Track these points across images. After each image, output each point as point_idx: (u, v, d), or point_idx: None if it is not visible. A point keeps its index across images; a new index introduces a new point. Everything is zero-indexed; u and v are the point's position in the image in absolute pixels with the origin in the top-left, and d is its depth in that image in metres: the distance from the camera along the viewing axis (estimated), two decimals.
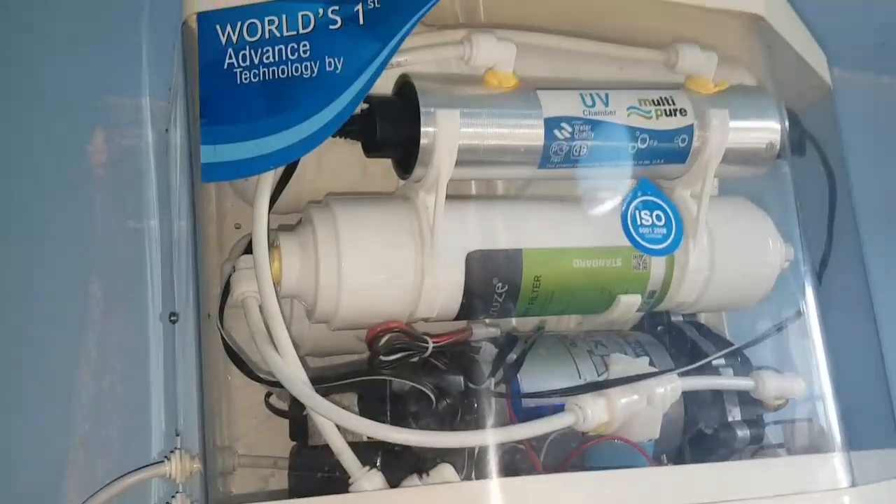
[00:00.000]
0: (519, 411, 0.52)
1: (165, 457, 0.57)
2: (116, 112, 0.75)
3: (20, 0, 0.74)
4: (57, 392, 0.68)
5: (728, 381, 0.57)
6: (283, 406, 0.59)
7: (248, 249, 0.50)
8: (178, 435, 0.65)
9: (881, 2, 0.96)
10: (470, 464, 0.47)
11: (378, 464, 0.47)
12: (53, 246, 0.71)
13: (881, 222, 1.10)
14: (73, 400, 0.67)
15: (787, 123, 0.58)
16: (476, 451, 0.47)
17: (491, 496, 0.44)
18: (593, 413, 0.49)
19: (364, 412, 0.50)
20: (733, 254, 0.59)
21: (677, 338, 0.61)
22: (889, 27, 1.03)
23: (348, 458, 0.46)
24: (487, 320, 0.56)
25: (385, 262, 0.51)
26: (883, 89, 1.16)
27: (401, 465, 0.47)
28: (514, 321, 0.58)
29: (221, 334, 0.50)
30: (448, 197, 0.51)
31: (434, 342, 0.52)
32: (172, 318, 0.64)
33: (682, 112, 0.56)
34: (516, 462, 0.49)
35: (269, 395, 0.59)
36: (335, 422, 0.46)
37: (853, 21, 1.00)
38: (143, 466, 0.58)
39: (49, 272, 0.70)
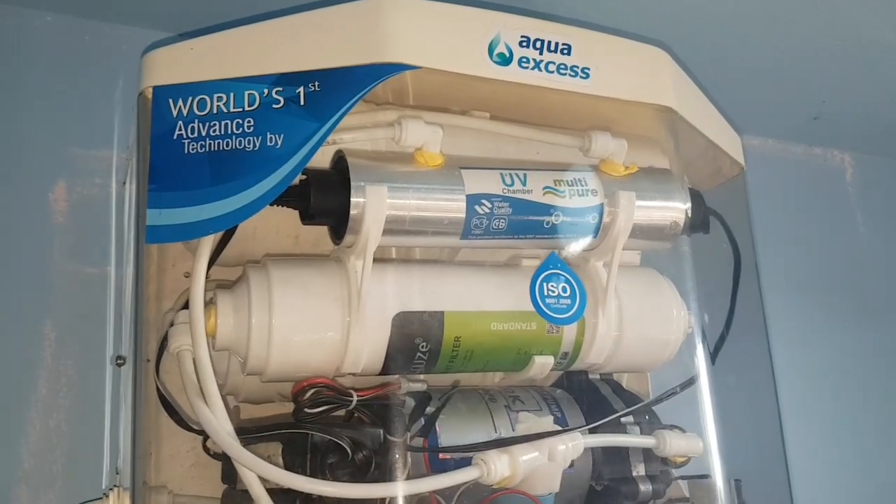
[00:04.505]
0: (435, 463, 0.57)
1: (104, 493, 0.60)
2: (82, 162, 0.78)
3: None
4: (3, 429, 0.70)
5: (630, 438, 0.62)
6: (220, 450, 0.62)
7: (187, 305, 0.54)
8: (118, 473, 0.68)
9: (815, 79, 1.04)
10: None
11: None
12: (8, 287, 0.74)
13: (813, 281, 1.17)
14: (20, 437, 0.70)
15: (689, 204, 0.64)
16: (387, 502, 0.51)
17: None
18: (497, 468, 0.53)
19: (287, 462, 0.54)
20: (639, 320, 0.64)
21: (591, 395, 0.66)
22: (820, 103, 1.11)
23: None
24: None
25: (313, 321, 0.56)
26: (815, 159, 1.24)
27: None
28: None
29: (156, 382, 0.54)
30: (381, 260, 0.56)
31: (359, 396, 0.56)
32: (119, 362, 0.67)
33: (594, 192, 0.61)
34: None
35: (206, 438, 0.63)
36: (255, 472, 0.50)
37: (789, 96, 1.08)
38: (84, 502, 0.61)
39: (2, 312, 0.73)
